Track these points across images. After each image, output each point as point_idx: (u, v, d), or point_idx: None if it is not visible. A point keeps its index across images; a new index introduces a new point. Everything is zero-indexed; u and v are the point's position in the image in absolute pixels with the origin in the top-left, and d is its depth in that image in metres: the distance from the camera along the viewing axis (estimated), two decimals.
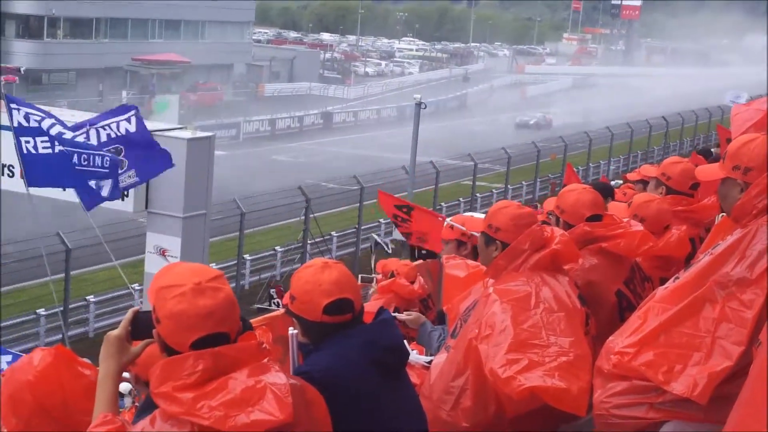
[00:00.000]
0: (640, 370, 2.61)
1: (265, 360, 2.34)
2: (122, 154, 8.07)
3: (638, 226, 3.97)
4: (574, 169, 10.47)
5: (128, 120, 8.15)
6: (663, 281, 3.94)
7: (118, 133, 8.12)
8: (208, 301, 2.30)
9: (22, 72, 11.93)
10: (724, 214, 3.13)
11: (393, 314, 4.37)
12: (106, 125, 8.14)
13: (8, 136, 9.64)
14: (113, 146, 8.14)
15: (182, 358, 2.25)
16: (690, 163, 5.01)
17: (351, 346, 2.77)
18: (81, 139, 8.04)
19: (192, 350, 2.27)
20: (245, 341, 2.35)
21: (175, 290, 2.31)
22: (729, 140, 3.07)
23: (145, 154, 8.29)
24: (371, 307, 3.35)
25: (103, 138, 8.08)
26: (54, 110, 12.55)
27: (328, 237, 21.71)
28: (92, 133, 8.18)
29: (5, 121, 9.08)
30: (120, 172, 8.12)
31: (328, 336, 2.78)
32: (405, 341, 3.10)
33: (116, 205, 10.41)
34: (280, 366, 2.40)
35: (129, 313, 2.53)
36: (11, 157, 10.12)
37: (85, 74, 49.97)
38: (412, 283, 5.97)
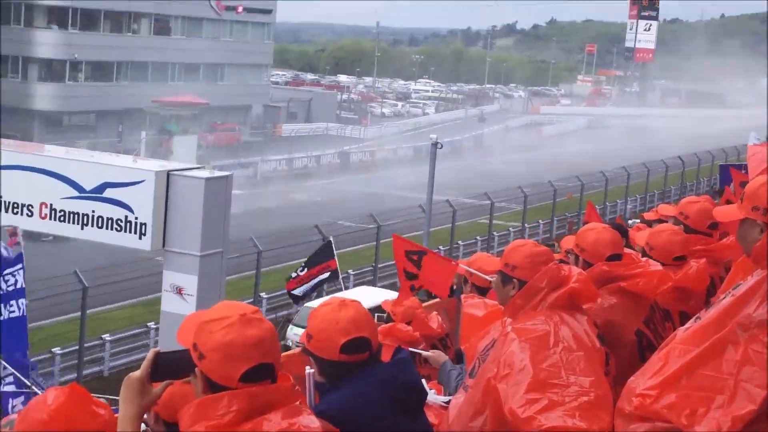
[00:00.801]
0: (662, 412, 2.57)
1: (297, 402, 2.33)
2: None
3: (657, 266, 3.95)
4: (595, 207, 10.44)
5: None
6: (682, 314, 3.93)
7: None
8: (255, 331, 2.30)
9: (19, 232, 12.22)
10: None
11: (416, 350, 4.36)
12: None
13: (21, 175, 9.77)
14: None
15: (217, 398, 2.23)
16: (708, 203, 4.98)
17: (368, 385, 2.75)
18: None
19: (241, 383, 2.25)
20: (281, 382, 2.34)
21: (222, 322, 2.30)
22: (743, 183, 3.05)
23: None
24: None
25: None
26: (73, 151, 12.71)
27: (345, 275, 21.69)
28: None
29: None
30: None
31: (345, 375, 2.77)
32: (423, 380, 3.08)
33: (134, 243, 10.47)
34: None
35: (150, 354, 2.49)
36: (28, 197, 10.21)
37: (106, 116, 50.71)
38: (409, 323, 5.88)
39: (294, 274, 16.81)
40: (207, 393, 2.30)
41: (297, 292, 16.67)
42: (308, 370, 2.88)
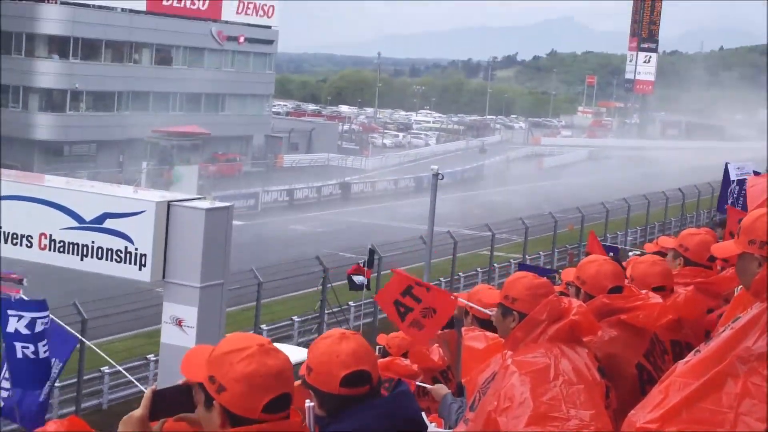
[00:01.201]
0: None
1: None
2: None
3: (657, 298, 3.95)
4: (598, 238, 10.43)
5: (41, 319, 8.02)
6: (674, 344, 3.94)
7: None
8: (275, 361, 2.31)
9: (25, 283, 12.29)
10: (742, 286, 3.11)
11: (419, 383, 4.35)
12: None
13: (21, 205, 9.77)
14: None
15: None
16: (708, 235, 5.00)
17: (369, 419, 2.74)
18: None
19: (264, 413, 2.24)
20: (292, 417, 2.34)
21: (242, 353, 2.30)
22: (741, 220, 3.07)
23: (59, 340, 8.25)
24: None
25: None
26: (73, 181, 12.69)
27: (345, 307, 21.64)
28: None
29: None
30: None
31: (346, 408, 2.75)
32: (423, 413, 3.07)
33: (133, 274, 10.45)
34: None
35: (148, 393, 2.46)
36: (27, 227, 10.21)
37: (106, 146, 50.77)
38: (404, 355, 5.84)
39: (361, 263, 17.28)
40: (225, 426, 2.27)
41: (356, 279, 17.01)
42: (308, 403, 2.87)
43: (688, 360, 2.74)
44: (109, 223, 10.26)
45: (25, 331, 7.65)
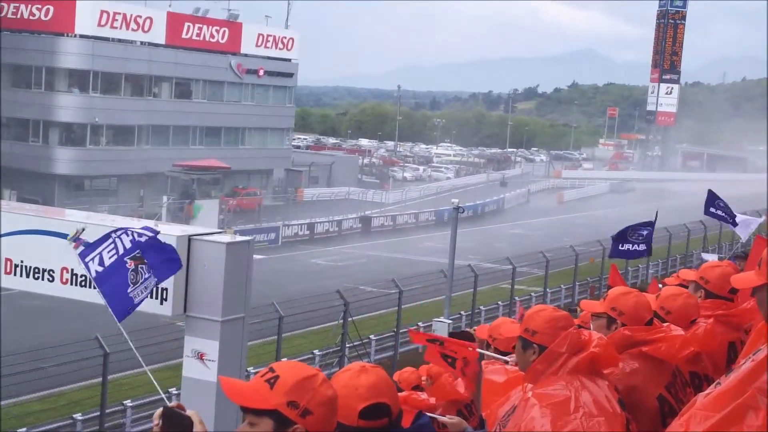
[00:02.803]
0: None
1: None
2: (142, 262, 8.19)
3: (678, 330, 3.94)
4: (619, 271, 10.42)
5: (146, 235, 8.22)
6: (693, 376, 3.92)
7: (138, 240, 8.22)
8: (334, 386, 2.53)
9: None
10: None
11: (436, 416, 4.33)
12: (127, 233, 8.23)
13: (42, 240, 9.87)
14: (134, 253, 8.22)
15: None
16: (729, 267, 4.97)
17: None
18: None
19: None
20: None
21: (318, 378, 2.47)
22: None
23: (162, 258, 8.42)
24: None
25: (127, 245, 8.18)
26: (94, 215, 12.77)
27: (366, 340, 21.60)
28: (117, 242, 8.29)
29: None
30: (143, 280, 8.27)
31: None
32: None
33: (155, 308, 10.49)
34: None
35: (158, 411, 2.53)
36: (48, 262, 10.31)
37: (127, 180, 51.00)
38: (415, 388, 5.81)
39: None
40: None
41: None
42: None
43: (708, 392, 2.73)
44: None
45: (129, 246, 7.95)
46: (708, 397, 2.69)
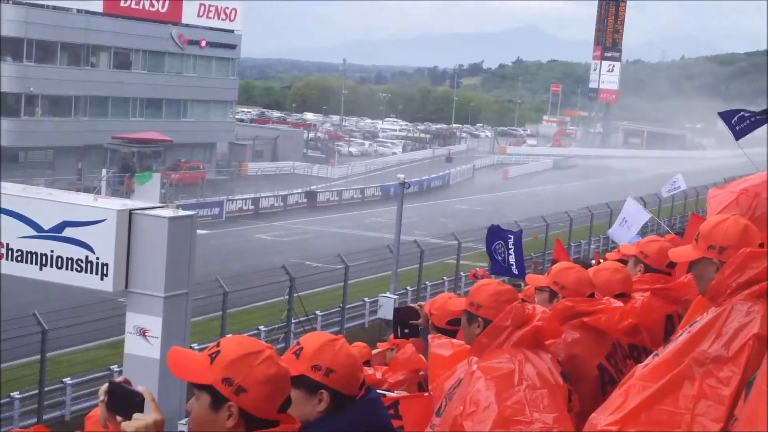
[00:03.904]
0: None
1: None
2: None
3: (618, 303, 4.05)
4: (563, 246, 10.56)
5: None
6: (632, 348, 4.03)
7: None
8: (283, 365, 2.43)
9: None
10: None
11: (383, 392, 4.36)
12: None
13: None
14: None
15: None
16: (667, 242, 5.09)
17: (342, 424, 2.75)
18: None
19: (280, 414, 2.36)
20: (287, 424, 2.40)
21: (260, 355, 2.38)
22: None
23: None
24: None
25: None
26: (30, 188, 12.44)
27: (312, 316, 21.59)
28: None
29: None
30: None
31: (340, 410, 2.77)
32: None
33: (95, 284, 10.31)
34: None
35: (104, 387, 2.40)
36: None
37: (64, 152, 49.55)
38: (366, 363, 5.86)
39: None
40: (239, 428, 2.33)
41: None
42: None
43: (646, 363, 2.81)
44: (68, 232, 10.12)
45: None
46: (646, 368, 2.77)
